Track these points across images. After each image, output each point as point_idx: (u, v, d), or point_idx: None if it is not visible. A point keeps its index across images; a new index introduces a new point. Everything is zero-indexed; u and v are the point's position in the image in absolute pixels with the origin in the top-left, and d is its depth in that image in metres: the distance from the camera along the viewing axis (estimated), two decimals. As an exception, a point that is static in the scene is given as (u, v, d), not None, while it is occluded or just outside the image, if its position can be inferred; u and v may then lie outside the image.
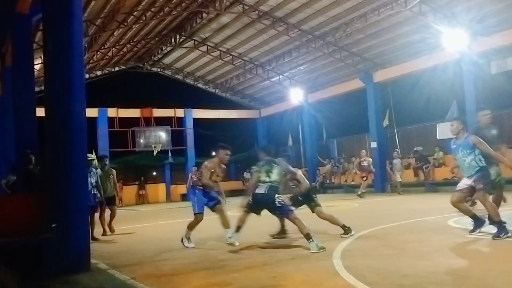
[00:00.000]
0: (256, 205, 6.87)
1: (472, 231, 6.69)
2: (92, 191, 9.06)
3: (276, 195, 6.72)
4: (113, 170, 10.38)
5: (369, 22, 17.97)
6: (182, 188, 27.01)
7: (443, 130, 18.60)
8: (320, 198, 8.06)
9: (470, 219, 6.78)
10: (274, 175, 6.90)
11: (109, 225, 10.02)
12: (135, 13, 18.55)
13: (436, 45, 17.70)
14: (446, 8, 16.53)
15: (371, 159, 18.40)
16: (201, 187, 7.64)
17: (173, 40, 22.61)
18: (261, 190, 6.81)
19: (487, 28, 16.62)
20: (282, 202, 6.76)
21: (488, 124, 7.84)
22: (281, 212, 6.88)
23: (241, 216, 6.95)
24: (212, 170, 7.64)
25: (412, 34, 18.39)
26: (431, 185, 18.01)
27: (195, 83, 27.37)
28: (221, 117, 28.74)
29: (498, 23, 16.44)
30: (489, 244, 6.00)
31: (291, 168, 7.54)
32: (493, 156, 6.58)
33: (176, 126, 26.97)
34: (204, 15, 19.90)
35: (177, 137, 27.02)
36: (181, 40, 22.46)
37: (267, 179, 6.85)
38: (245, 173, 29.44)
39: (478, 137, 6.64)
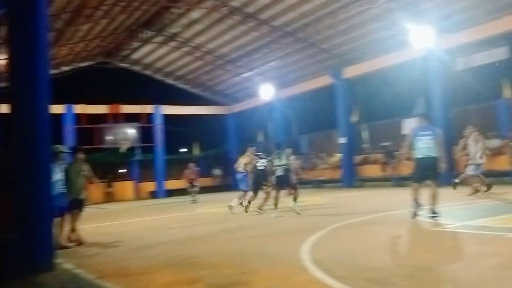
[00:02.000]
0: (280, 183, 10.11)
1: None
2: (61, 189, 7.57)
3: (290, 174, 10.16)
4: (85, 164, 8.38)
5: (339, 18, 18.13)
6: (150, 186, 26.75)
7: (409, 126, 18.98)
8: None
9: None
10: (284, 160, 10.17)
11: (69, 235, 8.00)
12: (102, 8, 18.18)
13: (404, 42, 17.98)
14: (414, 5, 16.80)
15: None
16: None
17: (142, 35, 22.29)
18: (280, 172, 10.06)
19: (453, 26, 16.98)
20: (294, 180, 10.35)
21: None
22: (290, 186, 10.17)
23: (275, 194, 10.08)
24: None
25: (381, 31, 18.63)
26: (398, 180, 18.31)
27: (165, 79, 27.06)
28: (191, 113, 28.53)
29: (463, 20, 16.82)
30: (452, 237, 6.15)
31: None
32: None
33: (145, 123, 26.64)
34: (174, 10, 19.67)
35: (146, 134, 26.69)
36: (150, 35, 22.17)
37: (281, 163, 10.11)
38: (215, 170, 29.35)
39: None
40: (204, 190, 23.30)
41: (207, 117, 29.14)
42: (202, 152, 30.74)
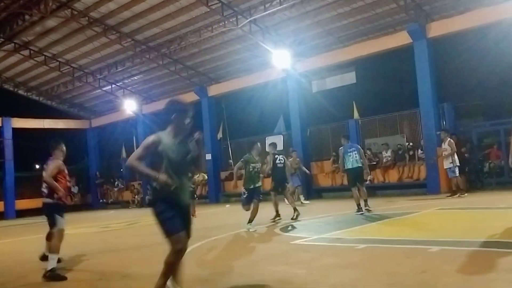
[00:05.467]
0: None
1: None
2: None
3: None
4: None
5: (203, 37, 18.39)
6: (-2, 204, 24.17)
7: (272, 143, 19.86)
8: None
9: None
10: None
11: None
12: None
13: (266, 63, 18.85)
14: (273, 30, 17.76)
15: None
16: None
17: (-11, 41, 20.21)
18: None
19: (307, 51, 18.31)
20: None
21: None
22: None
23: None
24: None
25: (244, 52, 19.33)
26: (264, 195, 18.96)
27: (15, 89, 24.84)
28: (45, 127, 26.44)
29: (315, 47, 18.23)
30: (310, 249, 6.50)
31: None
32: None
33: (-8, 137, 24.09)
34: (27, 17, 18.20)
35: (-6, 149, 24.13)
36: (-1, 42, 20.21)
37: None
38: (73, 187, 27.50)
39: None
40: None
41: (65, 131, 27.25)
42: (58, 169, 28.66)
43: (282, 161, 10.69)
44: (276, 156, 10.71)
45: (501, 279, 4.08)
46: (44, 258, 6.52)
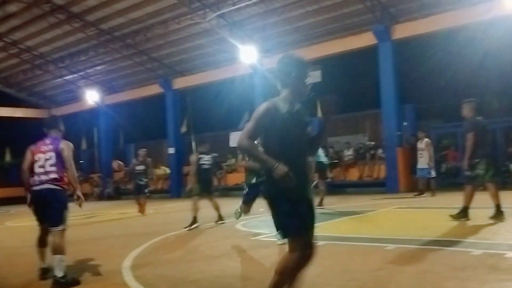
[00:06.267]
0: None
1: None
2: None
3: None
4: None
5: (170, 29, 18.16)
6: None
7: (236, 139, 19.88)
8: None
9: None
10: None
11: None
12: None
13: (232, 58, 18.78)
14: (240, 25, 17.71)
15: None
16: None
17: None
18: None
19: (275, 47, 18.33)
20: None
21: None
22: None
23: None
24: None
25: (211, 46, 19.18)
26: (224, 190, 18.98)
27: (-29, 75, 23.94)
28: (2, 115, 25.56)
29: (282, 43, 18.27)
30: (267, 246, 6.52)
31: None
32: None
33: None
34: (-14, 0, 17.52)
35: None
36: (-46, 25, 19.36)
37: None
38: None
39: None
40: (18, 200, 21.13)
41: (23, 120, 26.41)
42: (15, 159, 27.74)
43: (210, 162, 9.28)
44: (200, 156, 9.20)
45: (454, 277, 4.20)
46: (44, 273, 5.19)
